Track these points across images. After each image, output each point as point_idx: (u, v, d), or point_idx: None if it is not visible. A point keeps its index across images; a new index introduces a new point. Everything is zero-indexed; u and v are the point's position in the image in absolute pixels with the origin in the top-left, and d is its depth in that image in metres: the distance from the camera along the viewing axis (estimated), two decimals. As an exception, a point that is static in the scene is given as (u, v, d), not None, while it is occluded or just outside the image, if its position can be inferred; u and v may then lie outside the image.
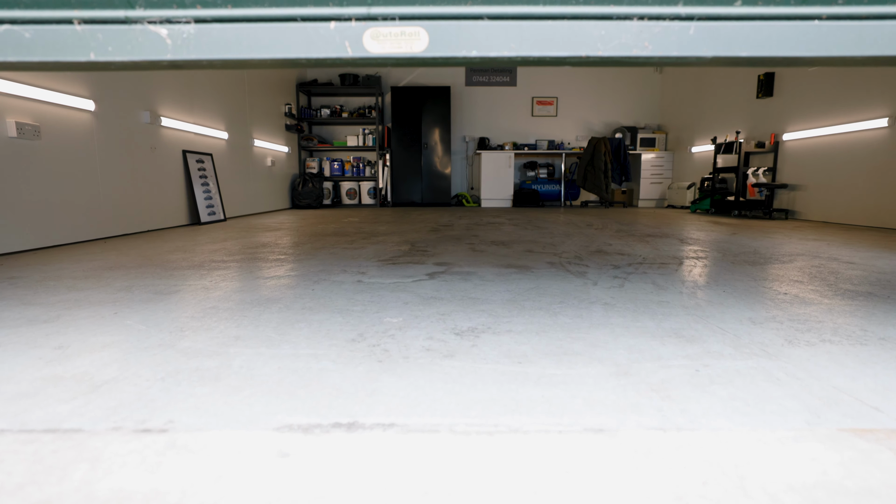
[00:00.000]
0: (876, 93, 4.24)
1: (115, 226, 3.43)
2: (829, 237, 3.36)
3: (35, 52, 0.95)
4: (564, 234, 3.49)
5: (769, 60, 0.96)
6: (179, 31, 0.94)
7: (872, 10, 0.89)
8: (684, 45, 0.94)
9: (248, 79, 5.76)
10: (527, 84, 8.16)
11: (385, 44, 0.95)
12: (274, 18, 0.93)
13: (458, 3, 0.91)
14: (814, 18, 0.91)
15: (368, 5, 0.91)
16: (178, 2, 0.91)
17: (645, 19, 0.92)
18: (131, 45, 0.95)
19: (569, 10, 0.91)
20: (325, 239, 3.22)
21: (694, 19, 0.92)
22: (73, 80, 3.08)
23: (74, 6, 0.92)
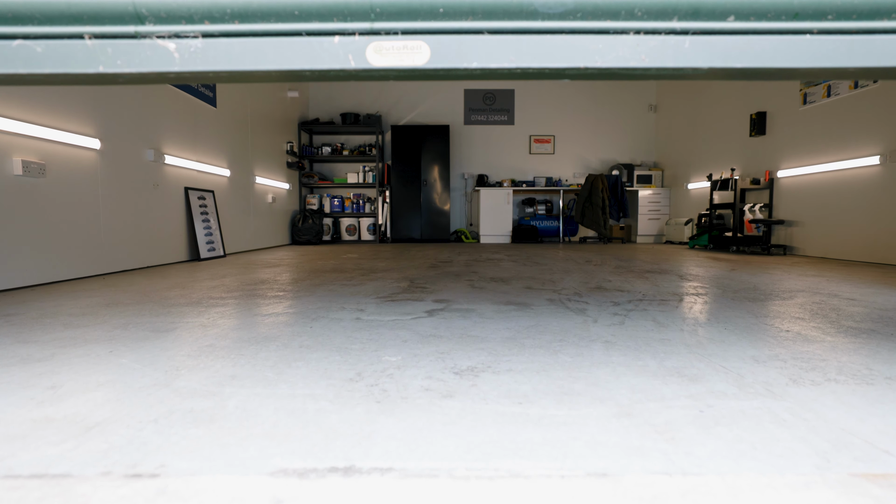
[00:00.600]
0: (865, 131, 4.34)
1: (114, 262, 3.44)
2: (829, 273, 3.36)
3: (45, 65, 0.96)
4: (563, 271, 3.49)
5: (764, 72, 0.98)
6: (187, 46, 0.95)
7: (861, 25, 0.92)
8: (680, 58, 0.95)
9: (252, 118, 5.89)
10: (524, 122, 8.36)
11: (388, 57, 0.96)
12: (279, 33, 0.95)
13: (459, 19, 0.93)
14: (805, 33, 0.94)
15: (371, 20, 0.93)
16: (186, 18, 0.92)
17: (641, 33, 0.94)
18: (140, 58, 0.96)
19: (566, 25, 0.93)
20: (324, 275, 3.22)
21: (689, 33, 0.94)
22: (80, 119, 3.15)
23: (86, 22, 0.93)
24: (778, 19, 0.91)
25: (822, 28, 0.92)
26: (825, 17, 0.91)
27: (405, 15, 0.92)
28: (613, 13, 0.91)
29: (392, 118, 8.30)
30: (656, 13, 0.91)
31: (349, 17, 0.92)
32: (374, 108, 8.27)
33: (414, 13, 0.91)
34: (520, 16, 0.92)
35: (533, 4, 0.91)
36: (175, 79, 1.02)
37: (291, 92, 7.23)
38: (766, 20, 0.91)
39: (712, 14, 0.90)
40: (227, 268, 3.72)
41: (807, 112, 5.02)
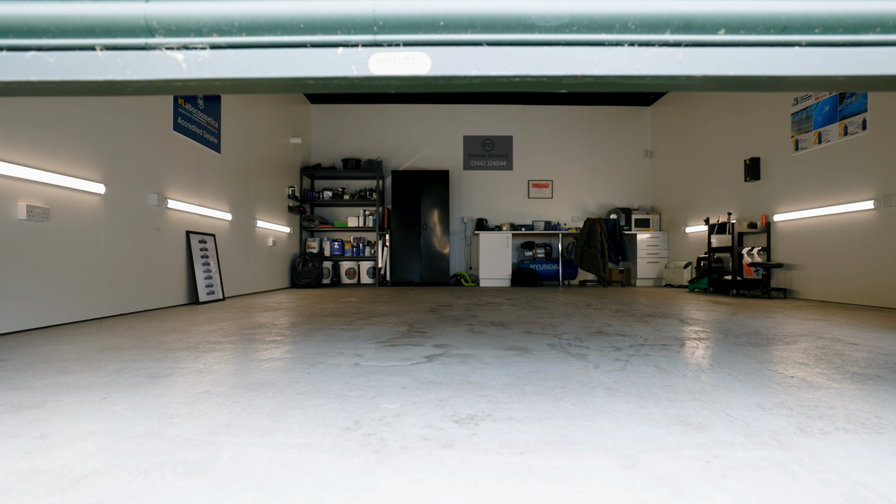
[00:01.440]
0: (858, 176, 4.43)
1: (113, 306, 3.42)
2: (830, 317, 3.34)
3: (57, 73, 0.99)
4: (563, 315, 3.47)
5: (755, 80, 1.00)
6: (195, 56, 0.97)
7: (847, 38, 0.95)
8: (674, 66, 0.98)
9: (255, 163, 6.02)
10: (522, 167, 8.53)
11: (390, 66, 0.98)
12: (285, 45, 0.97)
13: (459, 31, 0.95)
14: (794, 45, 0.97)
15: (374, 33, 0.95)
16: (195, 30, 0.94)
17: (636, 45, 0.97)
18: (148, 68, 0.98)
19: (563, 38, 0.96)
20: (323, 319, 3.20)
21: (682, 45, 0.97)
22: (85, 164, 3.22)
23: (98, 35, 0.96)
24: (767, 32, 0.94)
25: (810, 41, 0.95)
26: (812, 31, 0.94)
27: (407, 28, 0.94)
28: (608, 26, 0.94)
29: (393, 163, 8.48)
30: (649, 26, 0.94)
31: (352, 29, 0.94)
32: (374, 153, 8.46)
33: (415, 26, 0.94)
34: (518, 28, 0.95)
35: (530, 18, 0.93)
36: (181, 87, 1.04)
37: (294, 138, 7.41)
38: (756, 33, 0.95)
39: (703, 27, 0.94)
40: (225, 311, 3.70)
41: (799, 158, 5.14)
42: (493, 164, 8.51)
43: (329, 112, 8.50)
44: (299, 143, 7.70)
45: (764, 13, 0.93)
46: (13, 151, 2.66)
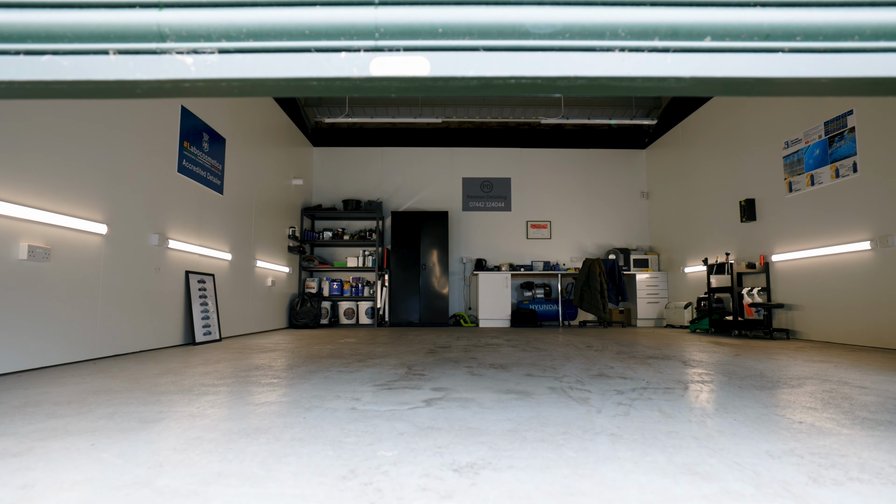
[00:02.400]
0: (852, 217, 4.47)
1: (107, 347, 3.37)
2: (835, 359, 3.29)
3: (70, 74, 1.02)
4: (564, 357, 3.42)
5: (742, 81, 1.04)
6: (204, 60, 1.02)
7: (828, 45, 1.00)
8: (663, 69, 1.02)
9: (257, 204, 6.09)
10: (521, 209, 8.63)
11: (390, 69, 1.02)
12: (290, 49, 1.02)
13: (457, 38, 1.00)
14: (777, 51, 1.01)
15: (375, 39, 1.00)
16: (205, 36, 1.00)
17: (626, 51, 1.02)
18: (159, 70, 1.02)
19: (556, 44, 1.01)
20: (321, 361, 3.15)
21: (670, 51, 1.02)
22: (89, 204, 3.25)
23: (112, 40, 1.00)
24: (751, 39, 1.00)
25: (793, 47, 1.00)
26: (794, 38, 1.00)
27: (407, 34, 1.00)
28: (599, 33, 1.00)
29: (392, 204, 8.58)
30: (638, 33, 0.99)
31: (355, 35, 1.00)
32: (375, 194, 8.58)
33: (415, 33, 1.00)
34: (513, 35, 1.00)
35: (525, 26, 0.99)
36: (189, 89, 1.07)
37: (296, 180, 7.53)
38: (741, 40, 1.00)
39: (690, 35, 1.00)
40: (221, 352, 3.64)
41: (793, 199, 5.22)
42: (492, 206, 8.62)
43: (331, 154, 8.68)
44: (301, 185, 7.82)
45: (747, 22, 0.99)
46: (19, 192, 2.69)
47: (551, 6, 0.99)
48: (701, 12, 0.99)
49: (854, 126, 4.44)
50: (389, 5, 1.00)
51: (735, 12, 0.99)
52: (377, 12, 0.99)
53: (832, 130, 4.69)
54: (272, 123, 6.68)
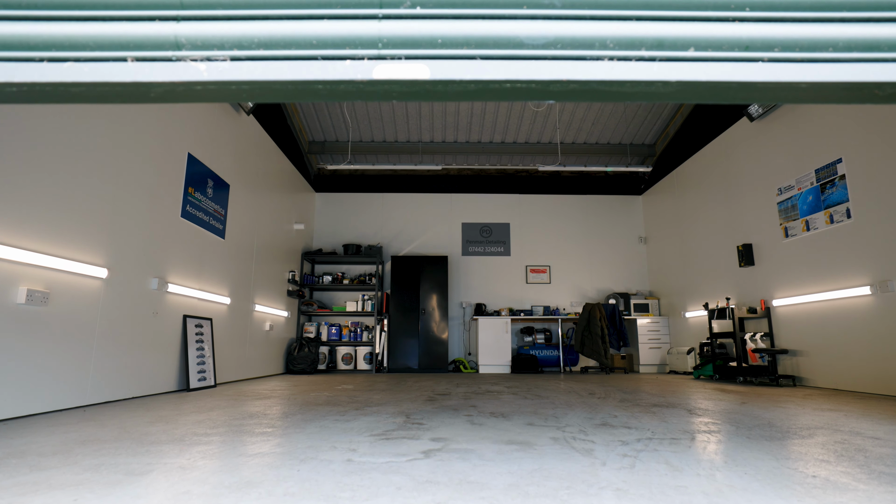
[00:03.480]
0: (851, 262, 4.48)
1: (99, 393, 3.29)
2: (845, 407, 3.21)
3: (89, 77, 1.06)
4: (566, 405, 3.34)
5: (726, 85, 1.07)
6: (216, 66, 1.07)
7: (804, 55, 1.05)
8: (651, 75, 1.07)
9: (258, 248, 6.12)
10: (520, 253, 8.67)
11: (392, 74, 1.06)
12: (298, 58, 1.06)
13: (455, 48, 1.05)
14: (757, 60, 1.06)
15: (379, 48, 1.05)
16: (218, 46, 1.05)
17: (615, 60, 1.07)
18: (173, 74, 1.06)
19: (549, 53, 1.06)
20: (317, 409, 3.07)
21: (656, 60, 1.07)
22: (91, 248, 3.26)
23: (131, 48, 1.06)
24: (732, 50, 1.06)
25: (772, 57, 1.06)
26: (773, 49, 1.06)
27: (408, 44, 1.06)
28: (589, 44, 1.06)
29: (392, 249, 8.62)
30: (626, 44, 1.05)
31: (359, 45, 1.06)
32: (375, 239, 8.64)
33: (416, 43, 1.05)
34: (508, 45, 1.06)
35: (519, 37, 1.05)
36: (201, 91, 1.10)
37: (297, 224, 7.60)
38: (722, 51, 1.06)
39: (675, 45, 1.06)
40: (216, 399, 3.56)
41: (790, 245, 5.25)
42: (491, 250, 8.66)
43: (332, 200, 8.80)
44: (302, 229, 7.89)
45: (728, 35, 1.05)
46: (21, 236, 2.71)
47: (543, 20, 1.05)
48: (684, 26, 1.06)
49: (844, 173, 4.53)
50: (392, 19, 1.05)
51: (716, 26, 1.06)
52: (380, 25, 1.05)
53: (823, 177, 4.78)
54: (276, 169, 6.81)
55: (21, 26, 1.06)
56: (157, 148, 4.00)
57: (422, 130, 8.05)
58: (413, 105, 7.46)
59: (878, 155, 4.21)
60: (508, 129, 8.06)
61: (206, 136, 4.80)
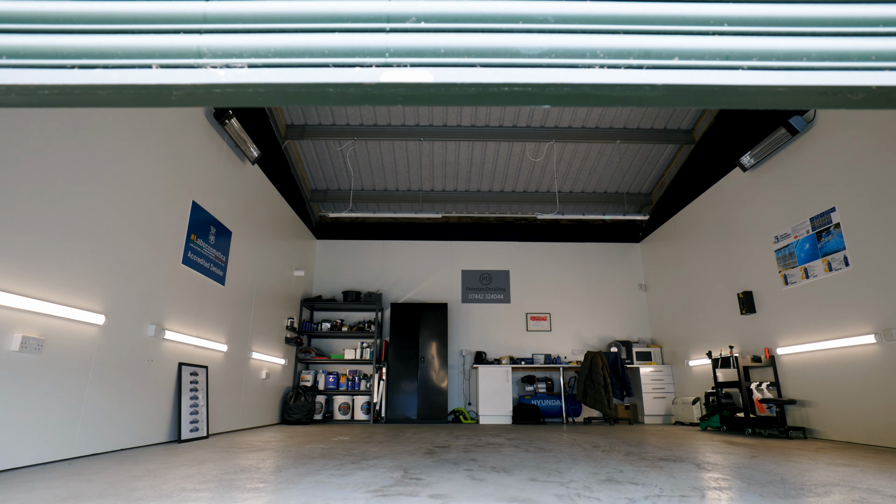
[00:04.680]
0: (852, 310, 4.46)
1: (87, 445, 3.19)
2: (860, 462, 3.10)
3: (116, 81, 1.16)
4: (570, 458, 3.23)
5: (709, 88, 1.16)
6: (234, 73, 1.17)
7: (780, 63, 1.15)
8: (639, 80, 1.16)
9: (257, 295, 6.10)
10: (520, 301, 8.63)
11: (398, 79, 1.17)
12: (311, 65, 1.17)
13: (457, 56, 1.16)
14: (738, 68, 1.16)
15: (386, 57, 1.16)
16: (237, 54, 1.16)
17: (605, 67, 1.16)
18: (194, 78, 1.17)
19: (544, 61, 1.17)
20: (312, 463, 2.96)
21: (643, 68, 1.16)
22: (89, 295, 3.26)
23: (156, 57, 1.16)
24: (713, 59, 1.16)
25: (751, 65, 1.16)
26: (751, 59, 1.16)
27: (413, 54, 1.17)
28: (581, 54, 1.17)
29: (392, 296, 8.59)
30: (615, 54, 1.16)
31: (368, 54, 1.17)
32: (374, 286, 8.62)
33: (420, 53, 1.17)
34: (506, 55, 1.17)
35: (516, 47, 1.16)
36: (220, 94, 1.20)
37: (298, 271, 7.62)
38: (704, 59, 1.16)
39: (660, 55, 1.16)
40: (207, 452, 3.44)
41: (790, 292, 5.24)
42: (491, 298, 8.63)
43: (333, 247, 8.86)
44: (302, 276, 7.89)
45: (709, 47, 1.16)
46: (19, 282, 2.71)
47: (538, 33, 1.17)
48: (668, 38, 1.17)
49: (839, 222, 4.59)
50: (398, 32, 1.17)
51: (697, 39, 1.17)
52: (388, 37, 1.17)
53: (818, 226, 4.84)
54: (278, 217, 6.91)
55: (55, 38, 1.17)
56: (163, 195, 4.07)
57: (422, 179, 8.22)
58: (414, 155, 7.66)
59: (870, 204, 4.28)
60: (507, 179, 8.23)
61: (211, 184, 4.90)
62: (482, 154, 7.68)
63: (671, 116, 7.01)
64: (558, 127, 7.15)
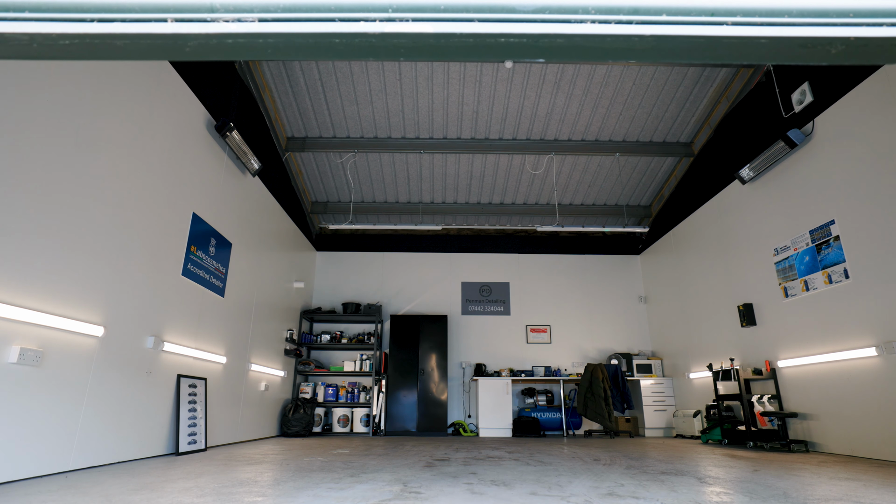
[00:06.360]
0: (852, 322, 4.45)
1: (84, 458, 3.16)
2: (863, 476, 3.08)
3: (133, 31, 1.28)
4: (570, 472, 3.20)
5: (695, 40, 1.29)
6: (245, 25, 1.29)
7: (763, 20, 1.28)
8: (628, 31, 1.27)
9: (257, 307, 6.09)
10: (520, 313, 8.61)
11: (400, 29, 1.28)
12: (318, 20, 1.29)
13: (457, 12, 1.28)
14: (722, 24, 1.28)
15: (389, 13, 1.28)
16: (247, 10, 1.29)
17: (596, 23, 1.28)
18: (207, 29, 1.28)
19: (538, 17, 1.29)
20: (310, 476, 2.94)
21: (633, 23, 1.29)
22: (89, 306, 3.26)
23: (171, 11, 1.28)
24: (699, 15, 1.28)
25: (735, 21, 1.27)
26: (735, 16, 1.27)
27: (415, 10, 1.29)
28: (573, 10, 1.28)
29: (392, 308, 8.58)
30: (605, 10, 1.28)
31: (371, 10, 1.29)
32: (374, 298, 8.62)
33: (421, 9, 1.29)
34: (503, 10, 1.29)
35: (512, 5, 1.28)
36: (231, 45, 1.32)
37: (298, 283, 7.62)
38: (691, 16, 1.27)
39: (648, 12, 1.28)
40: (205, 465, 3.41)
41: (791, 304, 5.24)
42: (491, 310, 8.62)
43: (333, 259, 8.87)
44: (302, 288, 7.89)
45: (695, 5, 1.28)
46: (19, 293, 2.71)
47: None
48: None
49: (838, 235, 4.61)
50: None
51: None
52: None
53: (818, 238, 4.85)
54: (278, 229, 6.93)
55: None
56: (163, 207, 4.09)
57: (422, 191, 8.26)
58: (414, 167, 7.70)
59: (869, 216, 4.30)
60: (507, 191, 8.27)
61: (211, 196, 4.92)
62: (482, 166, 7.72)
63: (670, 129, 7.06)
64: (558, 140, 7.21)
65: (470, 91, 6.38)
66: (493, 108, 6.65)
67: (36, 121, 2.82)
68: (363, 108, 6.63)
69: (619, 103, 6.60)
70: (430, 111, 6.68)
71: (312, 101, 6.52)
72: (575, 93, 6.42)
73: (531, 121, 6.87)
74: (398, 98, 6.48)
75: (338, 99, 6.48)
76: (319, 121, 6.84)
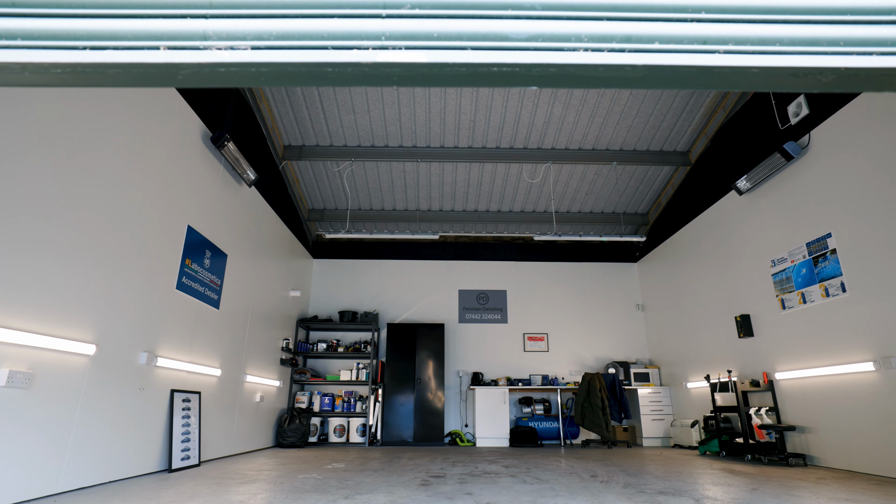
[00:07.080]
0: (850, 336, 4.44)
1: (74, 479, 3.12)
2: (862, 496, 3.06)
3: (126, 59, 1.25)
4: (567, 490, 3.17)
5: (687, 70, 1.26)
6: (238, 53, 1.25)
7: (755, 48, 1.25)
8: (621, 60, 1.25)
9: (252, 317, 6.05)
10: (517, 321, 8.59)
11: (393, 58, 1.25)
12: (310, 48, 1.25)
13: (449, 40, 1.25)
14: (714, 52, 1.27)
15: (382, 41, 1.25)
16: (240, 38, 1.25)
17: (589, 51, 1.26)
18: (200, 58, 1.24)
19: (531, 45, 1.26)
20: (304, 497, 2.90)
21: (625, 51, 1.27)
22: (80, 325, 3.22)
23: (164, 39, 1.25)
24: (692, 44, 1.25)
25: (727, 49, 1.26)
26: (727, 44, 1.25)
27: (408, 38, 1.26)
28: (566, 38, 1.25)
29: (388, 316, 8.55)
30: (598, 38, 1.25)
31: (365, 38, 1.26)
32: (371, 306, 8.58)
33: (414, 37, 1.25)
34: (496, 39, 1.25)
35: (504, 32, 1.25)
36: (224, 73, 1.28)
37: (294, 291, 7.57)
38: (683, 44, 1.25)
39: (641, 40, 1.25)
40: (197, 483, 3.37)
41: (788, 316, 5.23)
42: (488, 318, 8.59)
43: (329, 266, 8.83)
44: (298, 296, 7.85)
45: (687, 33, 1.25)
46: (7, 314, 2.67)
47: (526, 19, 1.26)
48: (648, 25, 1.26)
49: (835, 248, 4.60)
50: (394, 18, 1.26)
51: (676, 25, 1.26)
52: (384, 22, 1.26)
53: (815, 251, 4.85)
54: (275, 237, 6.89)
55: (68, 22, 1.26)
56: (157, 220, 4.06)
57: (419, 199, 8.23)
58: (411, 175, 7.68)
59: (866, 230, 4.29)
60: (504, 199, 8.25)
61: (207, 207, 4.89)
62: (479, 175, 7.71)
63: (667, 138, 7.06)
64: (555, 148, 7.20)
65: (467, 101, 6.36)
66: (490, 118, 6.64)
67: (27, 134, 2.79)
68: (360, 116, 6.61)
69: (616, 112, 6.59)
70: (428, 120, 6.67)
71: (309, 110, 6.50)
72: (572, 102, 6.42)
73: (528, 130, 6.86)
74: (395, 107, 6.46)
75: (335, 108, 6.46)
76: (316, 129, 6.82)
